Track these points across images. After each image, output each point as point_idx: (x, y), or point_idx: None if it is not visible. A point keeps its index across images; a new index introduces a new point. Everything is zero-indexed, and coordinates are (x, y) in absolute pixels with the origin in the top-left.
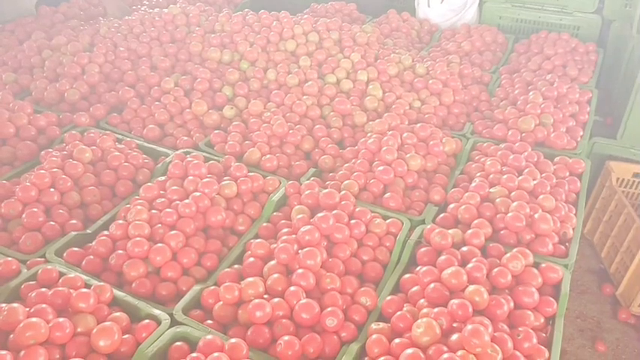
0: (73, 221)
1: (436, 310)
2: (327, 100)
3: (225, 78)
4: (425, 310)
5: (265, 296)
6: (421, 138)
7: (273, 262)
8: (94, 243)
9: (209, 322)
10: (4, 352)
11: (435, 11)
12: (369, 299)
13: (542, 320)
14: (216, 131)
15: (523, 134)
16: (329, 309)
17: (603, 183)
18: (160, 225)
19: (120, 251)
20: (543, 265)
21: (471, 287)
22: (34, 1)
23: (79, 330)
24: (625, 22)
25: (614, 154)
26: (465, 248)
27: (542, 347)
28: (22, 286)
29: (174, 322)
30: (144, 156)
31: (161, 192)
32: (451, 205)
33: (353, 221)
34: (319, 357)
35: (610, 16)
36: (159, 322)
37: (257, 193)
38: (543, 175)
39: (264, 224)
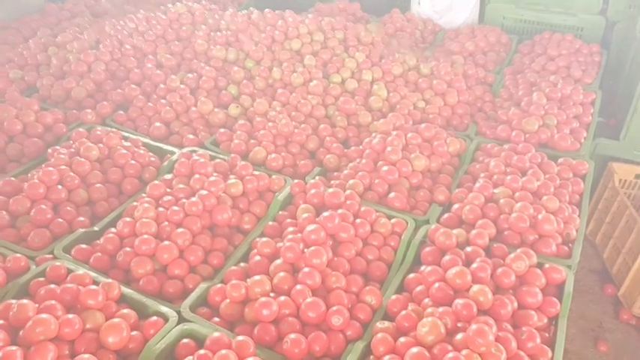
0: (81, 218)
1: (441, 309)
2: (332, 100)
3: (230, 77)
4: (429, 310)
5: (271, 294)
6: (425, 138)
7: (279, 261)
8: (101, 240)
9: (216, 319)
10: (14, 347)
11: (423, 9)
12: (374, 298)
13: (546, 320)
14: (222, 130)
15: (527, 135)
16: (335, 307)
17: (606, 184)
18: (166, 223)
19: (127, 249)
20: (547, 265)
21: (475, 287)
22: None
23: (87, 326)
24: (629, 24)
25: (616, 155)
26: (469, 248)
27: (546, 347)
28: (31, 283)
29: (181, 320)
30: (150, 154)
31: (167, 190)
32: (455, 206)
33: (358, 221)
34: (325, 355)
35: (614, 18)
36: (166, 320)
37: (263, 192)
38: (547, 176)
39: (270, 223)
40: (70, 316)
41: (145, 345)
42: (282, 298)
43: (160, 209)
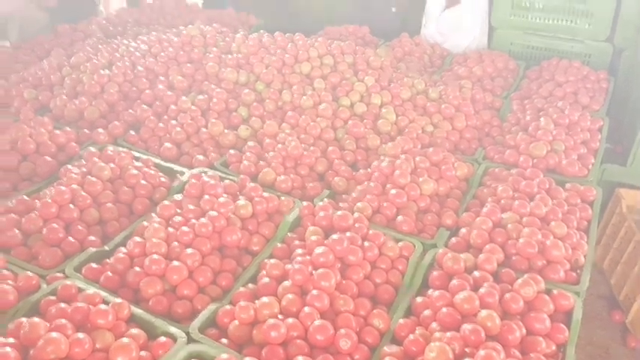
0: (92, 238)
1: (448, 334)
2: (341, 123)
3: (240, 99)
4: (437, 335)
5: (280, 316)
6: (434, 162)
7: (287, 283)
8: (111, 260)
9: (224, 340)
10: None
11: (428, 32)
12: (382, 322)
13: (554, 347)
14: (232, 151)
15: (535, 160)
16: (343, 331)
17: (613, 210)
18: (176, 243)
19: (137, 268)
20: (555, 291)
21: (484, 312)
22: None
23: (97, 346)
24: (636, 51)
25: (623, 181)
26: (476, 273)
27: None
28: (42, 301)
29: (189, 340)
30: (160, 174)
31: (178, 210)
32: (463, 230)
33: (366, 244)
34: None
35: (621, 45)
36: (175, 340)
37: (272, 213)
38: (555, 201)
39: (279, 245)
40: (81, 335)
41: None
42: (291, 320)
43: (170, 230)
